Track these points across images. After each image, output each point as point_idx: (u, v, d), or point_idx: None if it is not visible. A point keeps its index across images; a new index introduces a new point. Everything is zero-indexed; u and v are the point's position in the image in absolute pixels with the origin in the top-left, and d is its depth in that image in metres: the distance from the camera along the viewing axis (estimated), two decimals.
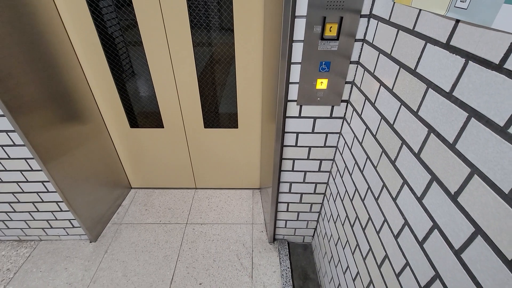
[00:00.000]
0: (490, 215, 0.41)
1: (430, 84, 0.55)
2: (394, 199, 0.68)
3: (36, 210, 1.45)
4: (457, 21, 0.48)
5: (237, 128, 1.65)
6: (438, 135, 0.52)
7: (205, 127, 1.66)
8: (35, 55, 1.16)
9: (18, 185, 1.33)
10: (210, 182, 1.94)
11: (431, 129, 0.54)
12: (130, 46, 1.42)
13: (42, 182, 1.31)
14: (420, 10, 0.58)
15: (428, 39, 0.55)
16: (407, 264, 0.63)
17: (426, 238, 0.56)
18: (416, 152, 0.59)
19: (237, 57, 1.39)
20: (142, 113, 1.64)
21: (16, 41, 1.06)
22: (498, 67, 0.40)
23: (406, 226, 0.63)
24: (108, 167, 1.70)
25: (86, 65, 1.43)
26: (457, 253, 0.47)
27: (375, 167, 0.80)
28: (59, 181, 1.31)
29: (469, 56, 0.45)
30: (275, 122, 1.07)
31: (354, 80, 0.96)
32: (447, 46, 0.50)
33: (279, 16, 0.87)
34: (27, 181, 1.31)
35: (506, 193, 0.38)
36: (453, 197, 0.48)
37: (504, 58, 0.39)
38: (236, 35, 1.33)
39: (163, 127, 1.67)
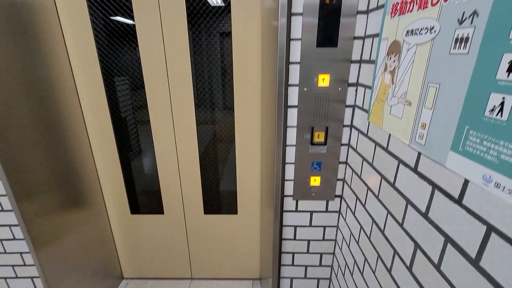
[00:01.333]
0: None
1: (409, 201, 0.61)
2: None
3: None
4: (420, 153, 0.57)
5: (237, 214, 1.66)
6: (424, 253, 0.55)
7: (205, 213, 1.67)
8: (51, 138, 1.22)
9: (6, 282, 1.27)
10: (207, 271, 1.83)
11: (417, 245, 0.57)
12: (138, 125, 1.54)
13: (31, 277, 1.25)
14: (390, 134, 0.69)
15: (400, 160, 0.64)
16: None
17: None
18: (408, 266, 0.60)
19: (237, 138, 1.47)
20: (144, 193, 1.67)
21: (33, 124, 1.13)
22: (459, 202, 0.46)
23: None
24: (102, 255, 1.64)
25: (95, 144, 1.52)
26: None
27: (373, 272, 0.79)
28: (48, 276, 1.25)
29: (434, 185, 0.52)
30: (273, 215, 1.10)
31: (344, 178, 1.03)
32: (415, 171, 0.58)
33: (273, 125, 1.00)
34: (17, 277, 1.26)
35: None
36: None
37: (461, 195, 0.45)
38: (236, 114, 1.43)
39: (163, 213, 1.68)
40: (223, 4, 1.18)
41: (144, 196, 1.69)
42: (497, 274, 0.38)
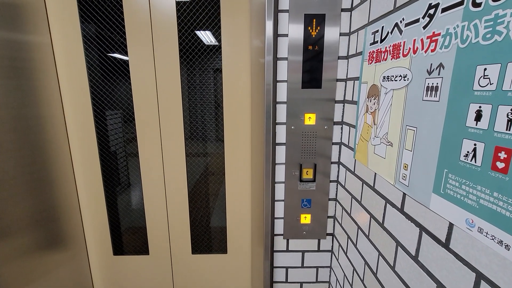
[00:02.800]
0: None
1: (398, 243, 0.59)
2: None
3: None
4: (404, 194, 0.57)
5: (226, 253, 1.58)
6: None
7: (192, 252, 1.59)
8: (34, 174, 1.17)
9: None
10: None
11: None
12: (129, 158, 1.50)
13: None
14: (375, 173, 0.70)
15: (387, 200, 0.64)
16: None
17: None
18: None
19: (226, 171, 1.45)
20: (129, 231, 1.59)
21: (17, 161, 1.09)
22: (446, 246, 0.45)
23: None
24: None
25: (80, 180, 1.46)
26: None
27: None
28: None
29: (421, 227, 0.51)
30: (262, 256, 1.05)
31: (335, 215, 1.02)
32: (402, 211, 0.58)
33: (262, 162, 1.01)
34: None
35: None
36: None
37: (448, 239, 0.45)
38: (226, 149, 1.44)
39: (148, 254, 1.59)
40: (214, 43, 1.25)
41: (129, 235, 1.60)
42: None
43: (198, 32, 1.25)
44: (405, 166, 0.56)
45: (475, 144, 0.38)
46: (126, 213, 1.58)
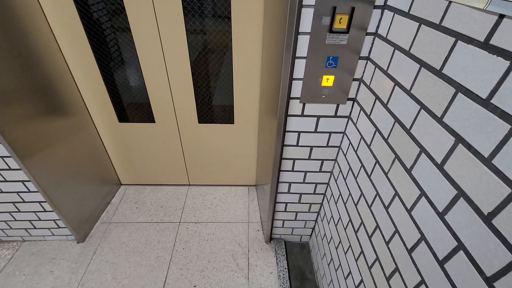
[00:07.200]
0: None
1: (460, 88, 0.48)
2: (409, 211, 0.63)
3: (17, 210, 1.35)
4: (501, 16, 0.41)
5: (233, 123, 1.57)
6: (469, 147, 0.46)
7: (199, 122, 1.58)
8: (10, 42, 1.04)
9: None
10: (204, 178, 1.87)
11: (459, 139, 0.48)
12: (117, 33, 1.30)
13: (22, 181, 1.21)
14: (450, 2, 0.51)
15: (460, 36, 0.49)
16: (423, 282, 0.58)
17: (448, 257, 0.51)
18: (439, 163, 0.53)
19: (234, 47, 1.30)
20: (132, 105, 1.53)
21: None
22: None
23: (423, 241, 0.58)
24: (95, 163, 1.61)
25: (68, 53, 1.32)
26: (489, 281, 0.42)
27: (385, 173, 0.74)
28: (40, 180, 1.21)
29: None
30: (275, 119, 1.00)
31: (362, 77, 0.89)
32: (485, 45, 0.44)
33: (284, 5, 0.78)
34: (6, 181, 1.21)
35: None
36: (486, 219, 0.43)
37: None
38: (234, 23, 1.23)
39: (154, 122, 1.58)
40: None
41: (133, 109, 1.55)
42: None
43: None
44: None
45: None
46: (126, 88, 1.46)
